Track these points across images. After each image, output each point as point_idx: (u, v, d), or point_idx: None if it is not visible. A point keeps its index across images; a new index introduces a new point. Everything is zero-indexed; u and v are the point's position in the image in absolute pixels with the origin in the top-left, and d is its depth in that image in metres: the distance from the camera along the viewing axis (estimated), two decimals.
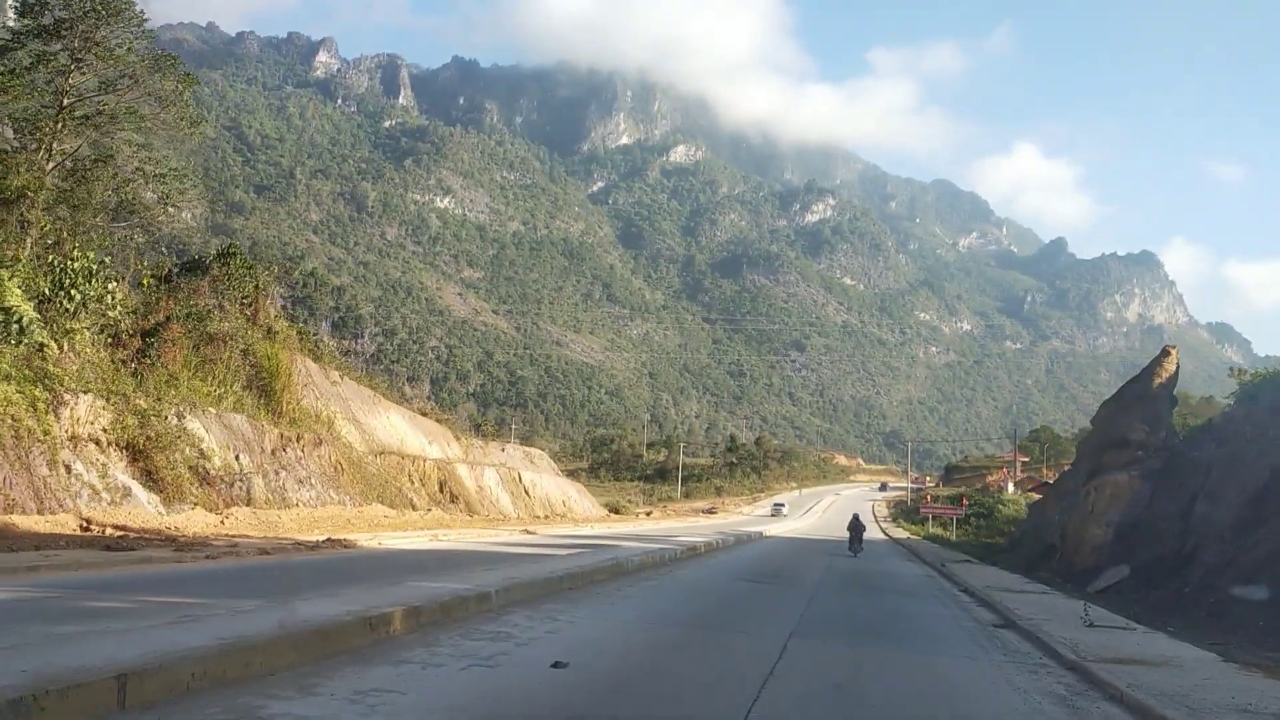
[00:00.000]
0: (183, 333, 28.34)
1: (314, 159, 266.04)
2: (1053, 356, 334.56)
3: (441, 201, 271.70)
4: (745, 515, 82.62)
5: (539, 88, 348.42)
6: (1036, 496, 72.81)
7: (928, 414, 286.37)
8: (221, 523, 22.45)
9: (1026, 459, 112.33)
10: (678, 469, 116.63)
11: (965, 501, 62.50)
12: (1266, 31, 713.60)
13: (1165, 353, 31.84)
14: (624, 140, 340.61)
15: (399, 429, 45.20)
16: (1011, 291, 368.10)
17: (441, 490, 43.51)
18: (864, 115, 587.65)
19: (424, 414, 49.42)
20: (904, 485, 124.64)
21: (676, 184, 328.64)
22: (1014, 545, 37.05)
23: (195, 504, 23.08)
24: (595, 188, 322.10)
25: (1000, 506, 64.69)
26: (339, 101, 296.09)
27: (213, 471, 24.79)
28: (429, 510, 38.27)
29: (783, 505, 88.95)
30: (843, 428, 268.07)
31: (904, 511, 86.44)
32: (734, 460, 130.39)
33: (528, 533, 31.23)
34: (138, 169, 28.71)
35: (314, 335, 48.69)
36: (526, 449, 60.52)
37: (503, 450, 53.71)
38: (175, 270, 35.44)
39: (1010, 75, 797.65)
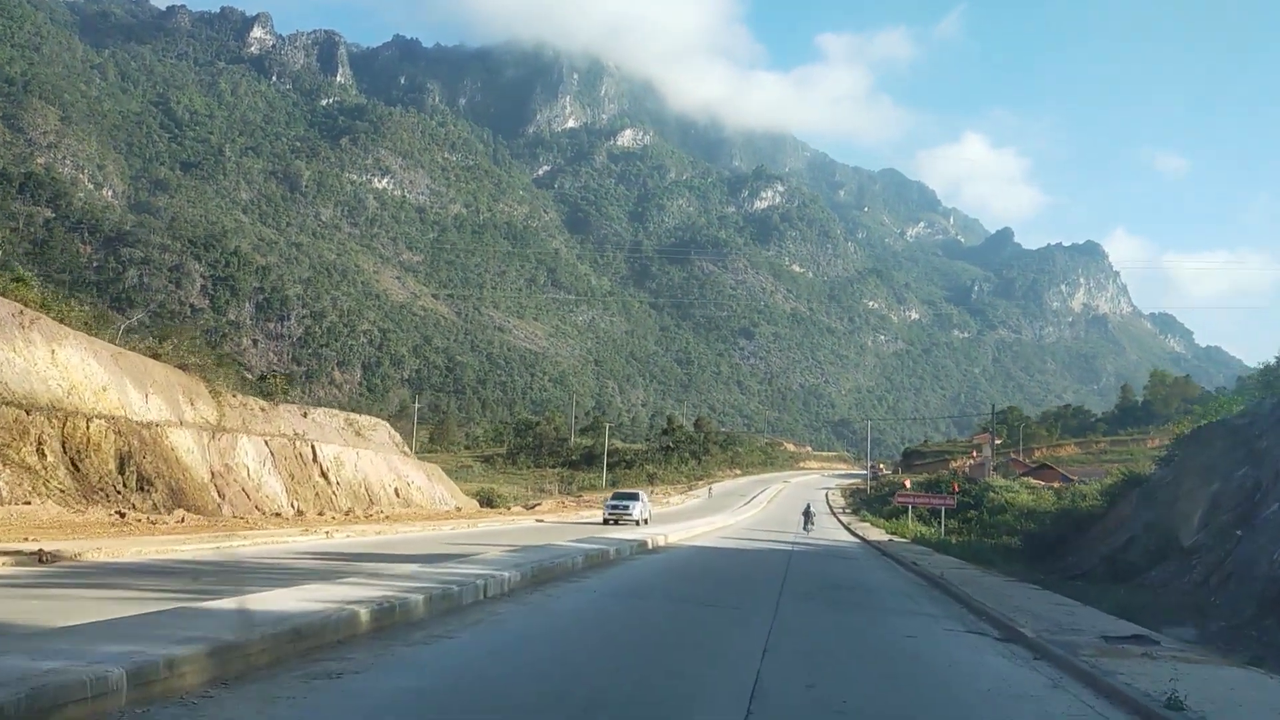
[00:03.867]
0: None
1: (245, 136, 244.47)
2: (999, 345, 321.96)
3: (379, 182, 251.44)
4: (672, 506, 64.58)
5: (483, 68, 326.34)
6: (1037, 482, 55.70)
7: (876, 402, 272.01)
8: None
9: (1000, 441, 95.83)
10: (605, 455, 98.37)
11: (956, 488, 44.70)
12: (1209, 24, 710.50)
13: None
14: (570, 123, 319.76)
15: (75, 369, 26.25)
16: (959, 281, 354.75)
17: (123, 469, 24.79)
18: (813, 103, 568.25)
19: (157, 356, 30.93)
20: (859, 472, 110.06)
21: (624, 169, 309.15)
22: (1112, 564, 19.19)
23: None
24: (540, 171, 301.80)
25: (991, 494, 47.30)
26: (274, 79, 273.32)
27: None
28: (28, 503, 19.66)
29: (630, 504, 40.98)
30: (791, 416, 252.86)
31: (865, 501, 69.33)
32: (670, 445, 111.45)
33: None
34: None
35: None
36: (353, 416, 41.62)
37: (304, 416, 35.23)
38: None
39: (959, 63, 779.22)
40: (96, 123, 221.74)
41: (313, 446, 32.67)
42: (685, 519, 43.35)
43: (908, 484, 51.82)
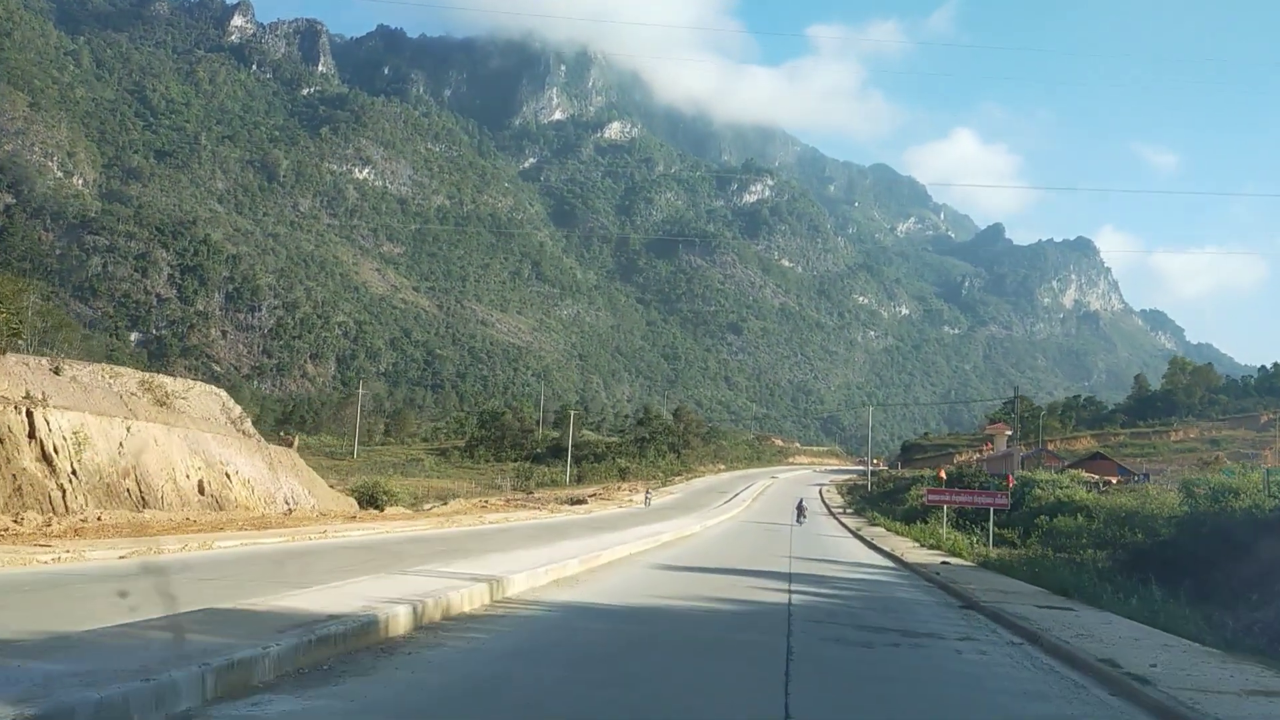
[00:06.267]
0: None
1: (223, 125, 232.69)
2: (990, 342, 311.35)
3: (360, 172, 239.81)
4: (632, 507, 52.63)
5: (468, 59, 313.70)
6: (1090, 475, 44.09)
7: (866, 399, 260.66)
8: None
9: (1011, 432, 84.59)
10: (572, 447, 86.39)
11: (1011, 481, 32.84)
12: (1201, 19, 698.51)
13: None
14: (557, 115, 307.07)
15: None
16: (949, 277, 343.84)
17: None
18: (803, 96, 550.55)
19: None
20: (853, 468, 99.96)
21: (611, 161, 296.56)
22: None
23: None
24: (526, 163, 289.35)
25: (1037, 490, 35.78)
26: (254, 67, 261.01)
27: None
28: None
29: None
30: (780, 412, 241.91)
31: (868, 500, 57.66)
32: (645, 436, 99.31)
33: None
34: None
35: None
36: (156, 377, 28.71)
37: (55, 372, 23.15)
38: None
39: (951, 57, 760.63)
40: (68, 109, 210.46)
41: (29, 415, 20.62)
42: (626, 526, 30.86)
43: (943, 474, 39.71)
